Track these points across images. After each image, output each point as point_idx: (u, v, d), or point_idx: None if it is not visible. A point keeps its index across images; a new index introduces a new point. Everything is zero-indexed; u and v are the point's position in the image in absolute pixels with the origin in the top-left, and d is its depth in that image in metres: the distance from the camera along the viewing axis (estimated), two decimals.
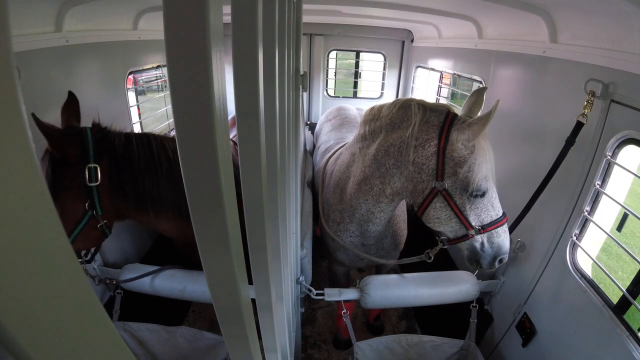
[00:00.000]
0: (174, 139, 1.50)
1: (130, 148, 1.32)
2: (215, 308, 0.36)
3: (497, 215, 1.31)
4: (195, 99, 0.24)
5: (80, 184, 1.23)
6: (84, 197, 1.24)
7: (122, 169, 1.29)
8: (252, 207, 0.45)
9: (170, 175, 1.38)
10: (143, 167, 1.33)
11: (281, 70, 0.66)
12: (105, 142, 1.28)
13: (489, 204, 1.30)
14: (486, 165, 1.25)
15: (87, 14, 1.73)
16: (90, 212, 1.26)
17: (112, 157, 1.28)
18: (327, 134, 2.60)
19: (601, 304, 1.18)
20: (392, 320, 2.57)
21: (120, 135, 1.33)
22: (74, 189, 1.23)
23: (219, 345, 1.52)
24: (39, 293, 0.14)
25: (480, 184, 1.24)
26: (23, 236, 0.13)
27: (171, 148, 1.42)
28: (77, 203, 1.24)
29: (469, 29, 2.17)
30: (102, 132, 1.30)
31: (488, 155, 1.27)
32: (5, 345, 0.13)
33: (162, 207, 1.40)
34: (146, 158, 1.34)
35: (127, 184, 1.30)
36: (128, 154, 1.31)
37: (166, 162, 1.38)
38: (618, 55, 1.16)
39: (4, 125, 0.12)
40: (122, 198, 1.32)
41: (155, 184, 1.36)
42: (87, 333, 0.18)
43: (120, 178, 1.29)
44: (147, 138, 1.39)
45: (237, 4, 0.36)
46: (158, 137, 1.43)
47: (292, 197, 1.12)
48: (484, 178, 1.25)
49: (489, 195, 1.29)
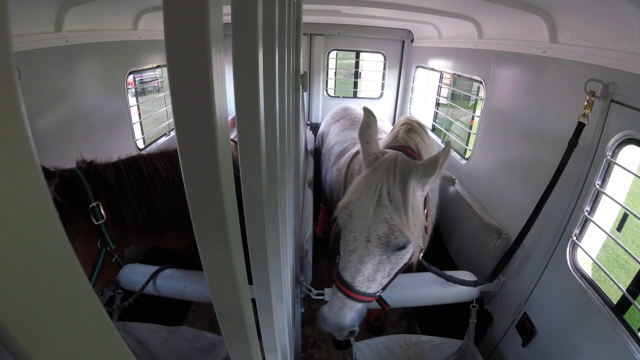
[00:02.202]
0: (165, 156, 1.44)
1: (122, 178, 1.31)
2: (215, 308, 0.36)
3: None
4: (195, 98, 0.24)
5: (88, 224, 1.23)
6: (95, 236, 1.25)
7: (119, 201, 1.29)
8: (252, 207, 0.45)
9: (166, 195, 1.37)
10: (138, 195, 1.33)
11: (281, 70, 0.66)
12: (97, 177, 1.26)
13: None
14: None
15: (87, 14, 1.73)
16: (104, 249, 1.27)
17: (108, 192, 1.27)
18: (338, 134, 2.60)
19: (601, 304, 1.18)
20: (392, 320, 2.56)
21: (109, 168, 1.32)
22: (84, 232, 1.22)
23: (219, 345, 1.52)
24: (39, 293, 0.14)
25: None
26: (23, 236, 0.13)
27: (164, 168, 1.40)
28: (91, 244, 1.24)
29: (469, 29, 2.17)
30: (90, 167, 1.28)
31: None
32: (5, 345, 0.13)
33: (162, 227, 1.40)
34: (139, 185, 1.34)
35: (126, 215, 1.30)
36: (122, 185, 1.30)
37: (160, 184, 1.37)
38: (618, 55, 1.16)
39: (4, 125, 0.12)
40: (125, 229, 1.32)
41: (152, 208, 1.36)
42: (87, 333, 0.18)
43: (119, 210, 1.29)
44: (136, 163, 1.37)
45: (237, 4, 0.36)
46: (148, 159, 1.40)
47: (292, 197, 1.12)
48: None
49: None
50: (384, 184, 1.11)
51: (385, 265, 1.15)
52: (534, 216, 1.43)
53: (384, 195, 1.10)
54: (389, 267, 1.17)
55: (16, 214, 0.13)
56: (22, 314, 0.13)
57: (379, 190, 1.11)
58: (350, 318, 1.17)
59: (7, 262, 0.13)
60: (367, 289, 1.15)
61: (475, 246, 1.85)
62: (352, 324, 1.19)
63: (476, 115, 2.37)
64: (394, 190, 1.10)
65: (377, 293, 1.20)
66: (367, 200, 1.11)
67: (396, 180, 1.12)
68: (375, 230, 1.10)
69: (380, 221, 1.10)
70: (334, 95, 4.02)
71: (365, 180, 1.16)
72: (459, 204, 2.12)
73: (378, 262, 1.13)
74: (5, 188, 0.12)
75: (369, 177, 1.15)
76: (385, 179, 1.12)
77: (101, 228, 1.25)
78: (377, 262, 1.13)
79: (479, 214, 1.89)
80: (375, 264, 1.13)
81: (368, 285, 1.15)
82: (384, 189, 1.11)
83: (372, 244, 1.11)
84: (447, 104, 3.09)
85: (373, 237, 1.11)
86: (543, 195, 1.39)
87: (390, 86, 3.85)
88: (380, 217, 1.10)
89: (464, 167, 2.31)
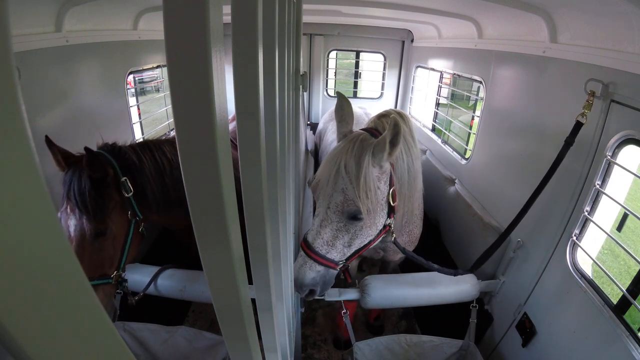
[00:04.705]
0: (169, 142, 1.60)
1: (140, 158, 1.48)
2: (215, 308, 0.36)
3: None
4: (195, 98, 0.24)
5: (120, 197, 1.39)
6: (126, 208, 1.41)
7: (142, 178, 1.46)
8: (252, 207, 0.45)
9: (172, 175, 1.54)
10: (154, 174, 1.50)
11: (281, 70, 0.66)
12: (122, 157, 1.43)
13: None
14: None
15: (87, 14, 1.73)
16: (134, 219, 1.43)
17: (132, 170, 1.44)
18: (335, 132, 2.61)
19: (601, 304, 1.18)
20: (392, 320, 2.56)
21: (130, 149, 1.48)
22: (119, 204, 1.39)
23: (219, 345, 1.52)
24: (39, 293, 0.14)
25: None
26: (23, 236, 0.13)
27: (169, 150, 1.58)
28: (123, 216, 1.40)
29: (469, 29, 2.17)
30: (114, 149, 1.44)
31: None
32: (5, 345, 0.13)
33: (171, 203, 1.55)
34: (154, 165, 1.51)
35: (147, 191, 1.47)
36: (142, 164, 1.47)
37: (168, 165, 1.55)
38: (618, 55, 1.16)
39: (4, 125, 0.12)
40: (146, 204, 1.49)
41: (165, 186, 1.53)
42: (87, 333, 0.18)
43: (142, 186, 1.46)
44: (147, 146, 1.55)
45: (237, 4, 0.36)
46: (156, 143, 1.58)
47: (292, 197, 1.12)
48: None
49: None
50: (343, 157, 1.26)
51: (343, 233, 1.28)
52: (524, 211, 1.42)
53: (342, 167, 1.25)
54: (348, 236, 1.29)
55: (16, 214, 0.13)
56: (22, 314, 0.13)
57: (338, 163, 1.26)
58: (311, 278, 1.28)
59: (7, 262, 0.13)
60: (326, 253, 1.28)
61: (475, 246, 1.85)
62: (311, 282, 1.29)
63: (476, 115, 2.37)
64: (350, 162, 1.24)
65: (339, 262, 1.32)
66: (329, 171, 1.27)
67: (353, 154, 1.25)
68: (335, 198, 1.26)
69: (338, 190, 1.25)
70: (334, 95, 4.02)
71: (331, 154, 1.32)
72: (459, 203, 2.12)
73: (336, 229, 1.27)
74: (5, 188, 0.12)
75: (334, 151, 1.31)
76: (344, 153, 1.26)
77: (131, 200, 1.40)
78: (335, 229, 1.27)
79: (478, 214, 1.89)
80: (333, 230, 1.27)
81: (327, 249, 1.28)
82: (342, 162, 1.25)
83: (330, 210, 1.26)
84: (447, 104, 3.09)
85: (332, 204, 1.26)
86: (535, 191, 1.38)
87: (390, 86, 3.85)
88: (338, 187, 1.25)
89: (463, 167, 2.31)
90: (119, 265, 1.41)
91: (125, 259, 1.42)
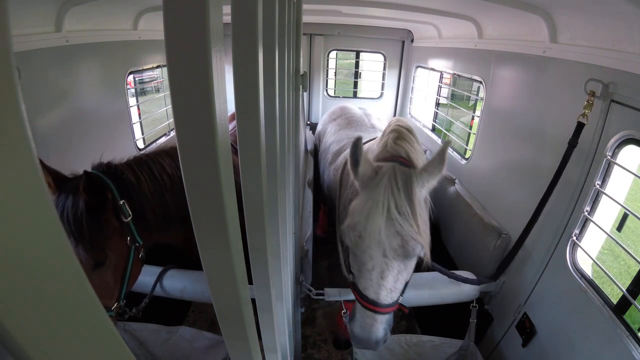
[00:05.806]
0: (165, 154, 1.48)
1: (139, 177, 1.36)
2: (215, 308, 0.36)
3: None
4: (195, 98, 0.24)
5: (118, 223, 1.25)
6: (125, 233, 1.28)
7: (141, 199, 1.34)
8: (252, 207, 0.45)
9: (173, 190, 1.42)
10: (154, 192, 1.38)
11: (281, 70, 0.66)
12: (119, 177, 1.30)
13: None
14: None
15: (87, 14, 1.73)
16: (133, 245, 1.30)
17: (129, 191, 1.31)
18: (334, 133, 2.61)
19: (601, 304, 1.18)
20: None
21: (126, 168, 1.36)
22: (117, 230, 1.25)
23: (219, 345, 1.52)
24: (39, 294, 0.14)
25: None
26: (23, 236, 0.13)
27: (169, 165, 1.45)
28: (122, 242, 1.27)
29: (469, 29, 2.17)
30: (110, 169, 1.32)
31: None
32: (5, 345, 0.13)
33: (172, 221, 1.44)
34: (153, 182, 1.39)
35: (147, 212, 1.35)
36: (140, 183, 1.35)
37: (168, 181, 1.42)
38: (618, 55, 1.16)
39: (4, 126, 0.12)
40: (147, 225, 1.36)
41: (165, 204, 1.41)
42: (87, 333, 0.17)
43: (142, 208, 1.33)
44: (145, 162, 1.42)
45: (237, 4, 0.36)
46: (153, 157, 1.45)
47: (292, 197, 1.12)
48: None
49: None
50: (390, 198, 1.13)
51: (403, 272, 1.19)
52: (536, 216, 1.43)
53: (392, 209, 1.12)
54: (406, 272, 1.20)
55: (16, 214, 0.13)
56: (22, 314, 0.13)
57: (387, 205, 1.12)
58: (383, 329, 1.22)
59: (7, 262, 0.13)
60: (391, 300, 1.18)
61: (475, 246, 1.85)
62: (385, 333, 1.24)
63: (476, 115, 2.37)
64: (401, 202, 1.12)
65: (398, 299, 1.23)
66: (377, 218, 1.11)
67: (400, 191, 1.13)
68: (390, 244, 1.12)
69: (392, 234, 1.12)
70: (334, 95, 4.02)
71: (370, 198, 1.15)
72: (459, 204, 2.12)
73: (397, 272, 1.17)
74: (5, 188, 0.12)
75: (373, 194, 1.15)
76: (390, 193, 1.13)
77: (129, 225, 1.27)
78: (397, 273, 1.17)
79: (478, 214, 1.89)
80: (394, 275, 1.16)
81: (391, 296, 1.18)
82: (391, 203, 1.12)
83: (389, 258, 1.14)
84: (447, 104, 3.09)
85: (389, 251, 1.12)
86: (544, 196, 1.39)
87: (390, 86, 3.85)
88: (391, 231, 1.12)
89: (463, 167, 2.31)
90: (120, 296, 1.28)
91: (126, 289, 1.31)
